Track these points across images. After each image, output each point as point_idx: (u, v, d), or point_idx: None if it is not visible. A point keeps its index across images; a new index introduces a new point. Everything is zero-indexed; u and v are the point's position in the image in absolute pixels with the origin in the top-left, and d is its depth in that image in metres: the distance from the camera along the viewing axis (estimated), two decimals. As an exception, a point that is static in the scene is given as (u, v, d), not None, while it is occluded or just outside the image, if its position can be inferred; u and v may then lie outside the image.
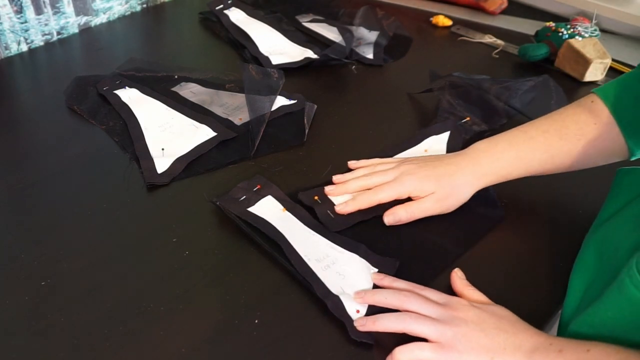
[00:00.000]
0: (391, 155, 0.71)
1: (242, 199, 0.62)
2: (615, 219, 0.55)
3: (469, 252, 0.60)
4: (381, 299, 0.51)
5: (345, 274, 0.55)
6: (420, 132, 0.74)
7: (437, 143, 0.73)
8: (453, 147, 0.72)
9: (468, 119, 0.76)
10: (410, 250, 0.59)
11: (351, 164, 0.68)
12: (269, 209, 0.62)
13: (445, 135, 0.74)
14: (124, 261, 0.57)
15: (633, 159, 0.61)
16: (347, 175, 0.65)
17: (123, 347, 0.49)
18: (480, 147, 0.62)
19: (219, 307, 0.53)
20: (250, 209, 0.61)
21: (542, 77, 0.82)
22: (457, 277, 0.54)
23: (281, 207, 0.62)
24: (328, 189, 0.64)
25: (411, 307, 0.49)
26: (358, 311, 0.51)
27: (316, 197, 0.63)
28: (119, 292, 0.53)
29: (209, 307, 0.52)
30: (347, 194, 0.63)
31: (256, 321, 0.51)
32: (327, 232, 0.59)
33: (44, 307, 0.52)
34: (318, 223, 0.60)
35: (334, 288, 0.53)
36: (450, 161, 0.62)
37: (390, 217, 0.60)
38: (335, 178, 0.65)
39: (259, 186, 0.64)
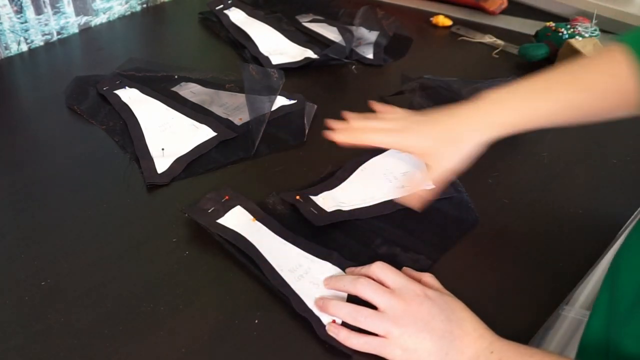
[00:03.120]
0: (367, 160, 0.70)
1: (210, 210, 0.61)
2: None
3: (444, 257, 0.59)
4: (340, 286, 0.52)
5: (318, 282, 0.54)
6: None
7: None
8: None
9: None
10: (384, 257, 0.57)
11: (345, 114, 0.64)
12: (238, 219, 0.60)
13: None
14: (124, 261, 0.57)
15: None
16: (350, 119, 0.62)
17: (123, 347, 0.49)
18: (491, 97, 0.58)
19: (219, 307, 0.53)
20: (220, 221, 0.60)
21: (510, 77, 0.81)
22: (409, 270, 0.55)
23: (251, 217, 0.61)
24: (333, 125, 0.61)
25: (364, 295, 0.50)
26: (334, 321, 0.50)
27: (298, 197, 0.63)
28: (119, 292, 0.53)
29: (209, 307, 0.52)
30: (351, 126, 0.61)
31: (256, 321, 0.51)
32: (299, 240, 0.58)
33: (44, 307, 0.52)
34: (289, 232, 0.59)
35: (309, 300, 0.52)
36: (457, 113, 0.58)
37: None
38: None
39: (227, 197, 0.62)
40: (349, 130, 0.60)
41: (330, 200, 0.64)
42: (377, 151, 0.71)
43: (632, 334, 0.45)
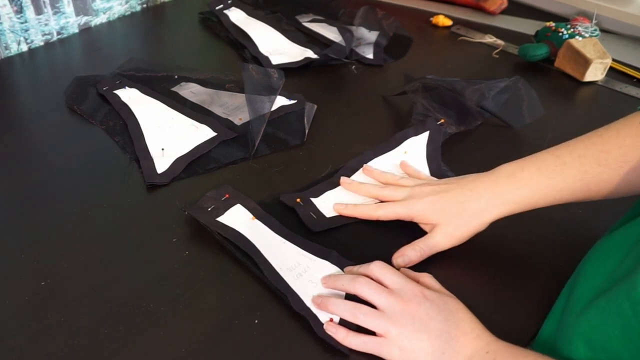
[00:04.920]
0: (370, 160, 0.70)
1: (210, 208, 0.61)
2: None
3: (443, 258, 0.59)
4: (339, 285, 0.52)
5: (317, 281, 0.54)
6: (400, 134, 0.73)
7: (416, 144, 0.72)
8: (432, 148, 0.72)
9: (443, 121, 0.75)
10: (383, 256, 0.57)
11: (367, 168, 0.67)
12: (238, 217, 0.60)
13: (425, 136, 0.73)
14: (124, 261, 0.57)
15: None
16: (360, 182, 0.65)
17: (123, 347, 0.49)
18: (504, 172, 0.57)
19: (219, 307, 0.53)
20: (220, 219, 0.60)
21: (514, 78, 0.81)
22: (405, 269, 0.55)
23: (250, 215, 0.61)
24: (344, 179, 0.64)
25: (363, 294, 0.50)
26: (332, 320, 0.51)
27: (298, 200, 0.63)
28: (119, 292, 0.53)
29: (209, 307, 0.52)
30: (357, 193, 0.64)
31: (256, 321, 0.51)
32: (298, 239, 0.58)
33: (44, 307, 0.52)
34: (289, 231, 0.59)
35: (307, 298, 0.52)
36: (468, 185, 0.58)
37: (400, 260, 0.57)
38: (344, 179, 0.65)
39: (227, 195, 0.63)
40: (353, 206, 0.62)
41: (330, 203, 0.64)
42: (378, 151, 0.71)
43: (582, 335, 0.45)
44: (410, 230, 0.60)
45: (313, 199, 0.64)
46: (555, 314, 0.52)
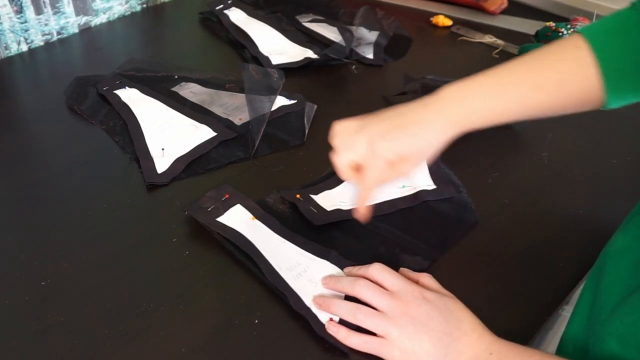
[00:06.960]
0: None
1: (210, 208, 0.61)
2: None
3: (444, 257, 0.59)
4: (339, 286, 0.53)
5: (317, 281, 0.54)
6: None
7: None
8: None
9: None
10: (383, 256, 0.57)
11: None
12: (238, 217, 0.61)
13: None
14: (124, 261, 0.57)
15: (606, 109, 0.53)
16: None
17: (123, 347, 0.49)
18: (449, 97, 0.55)
19: (219, 307, 0.53)
20: (220, 219, 0.60)
21: None
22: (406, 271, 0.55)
23: (250, 215, 0.61)
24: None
25: (363, 296, 0.51)
26: (331, 319, 0.51)
27: (298, 195, 0.63)
28: (119, 292, 0.53)
29: (209, 307, 0.52)
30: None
31: (256, 321, 0.51)
32: (298, 239, 0.59)
33: (44, 307, 0.52)
34: (288, 230, 0.60)
35: (306, 298, 0.52)
36: (415, 118, 0.55)
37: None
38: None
39: (227, 195, 0.63)
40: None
41: (330, 200, 0.64)
42: None
43: (614, 332, 0.46)
44: (411, 231, 0.60)
45: (312, 196, 0.64)
46: (582, 310, 0.52)
